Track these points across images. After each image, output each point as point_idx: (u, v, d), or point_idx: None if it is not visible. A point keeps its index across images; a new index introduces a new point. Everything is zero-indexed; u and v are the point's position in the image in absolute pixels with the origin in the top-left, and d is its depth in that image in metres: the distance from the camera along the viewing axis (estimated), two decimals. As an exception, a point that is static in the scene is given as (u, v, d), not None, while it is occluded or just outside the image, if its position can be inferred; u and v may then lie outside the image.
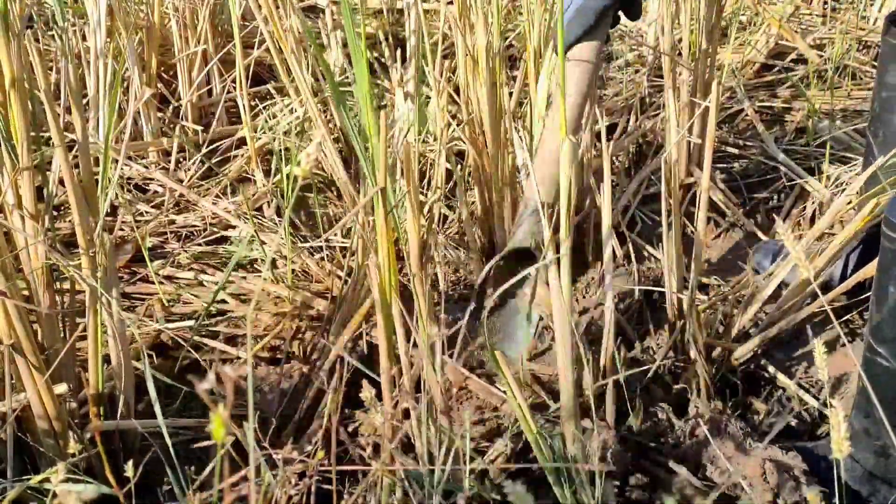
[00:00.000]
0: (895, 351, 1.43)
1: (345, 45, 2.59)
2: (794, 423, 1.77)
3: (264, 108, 2.53)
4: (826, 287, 1.83)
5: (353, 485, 1.54)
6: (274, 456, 1.12)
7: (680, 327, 1.68)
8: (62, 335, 1.48)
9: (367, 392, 1.12)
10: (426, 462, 1.37)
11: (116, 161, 1.98)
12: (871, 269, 1.69)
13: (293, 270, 1.94)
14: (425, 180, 2.13)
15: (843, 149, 2.36)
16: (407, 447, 1.47)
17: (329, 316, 1.77)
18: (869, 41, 2.89)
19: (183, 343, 1.76)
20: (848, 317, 1.90)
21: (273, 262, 1.98)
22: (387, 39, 2.79)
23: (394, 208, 1.58)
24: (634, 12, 1.66)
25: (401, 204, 1.68)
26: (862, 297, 1.88)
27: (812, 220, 2.16)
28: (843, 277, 1.81)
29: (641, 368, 1.63)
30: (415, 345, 1.49)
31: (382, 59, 2.73)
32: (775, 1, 3.05)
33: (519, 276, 1.55)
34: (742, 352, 1.73)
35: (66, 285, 1.51)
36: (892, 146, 1.87)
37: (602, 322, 1.89)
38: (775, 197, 2.27)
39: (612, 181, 2.29)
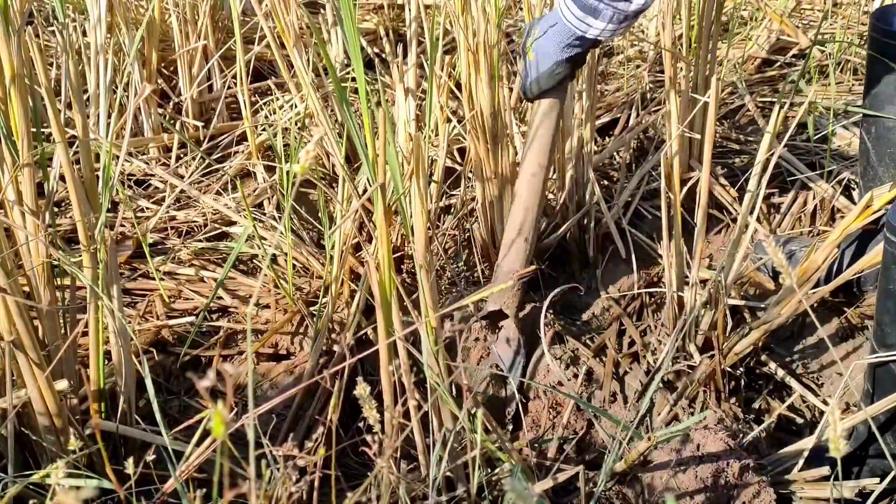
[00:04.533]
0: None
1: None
2: (797, 418, 1.78)
3: (265, 104, 2.53)
4: (827, 280, 1.83)
5: (356, 481, 1.54)
6: (275, 453, 1.12)
7: (681, 324, 1.68)
8: (63, 332, 1.49)
9: (360, 389, 1.11)
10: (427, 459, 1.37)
11: (117, 157, 1.98)
12: (863, 264, 1.69)
13: (294, 266, 1.94)
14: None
15: (845, 144, 2.36)
16: (409, 442, 1.48)
17: (330, 312, 1.77)
18: (870, 36, 2.89)
19: (185, 337, 1.76)
20: (848, 312, 1.90)
21: (274, 258, 1.98)
22: (387, 35, 2.78)
23: (399, 199, 1.59)
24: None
25: (404, 197, 1.68)
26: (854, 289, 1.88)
27: (813, 216, 2.16)
28: (839, 272, 1.82)
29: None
30: (415, 342, 1.49)
31: (383, 55, 2.73)
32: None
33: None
34: (742, 346, 1.73)
35: (67, 281, 1.52)
36: (884, 140, 1.88)
37: (603, 318, 1.89)
38: (776, 192, 2.27)
39: (614, 177, 2.29)
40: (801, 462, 1.50)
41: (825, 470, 1.48)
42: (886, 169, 1.89)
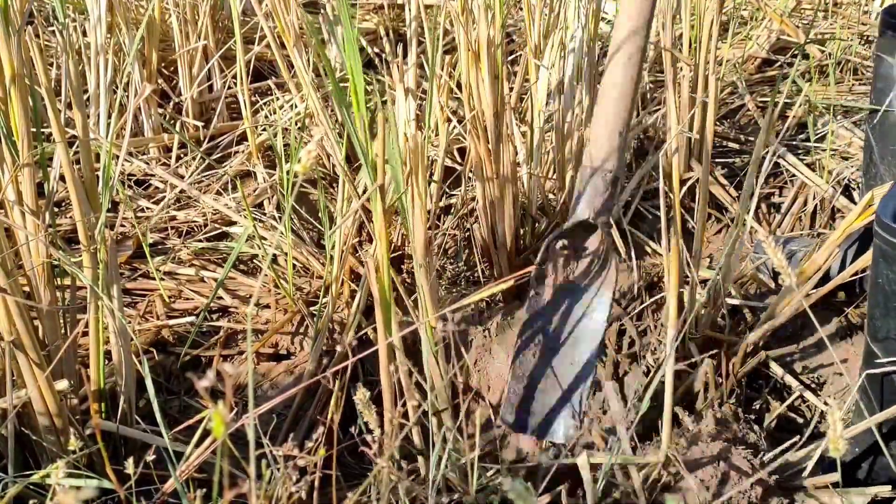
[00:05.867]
0: (888, 350, 1.43)
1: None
2: (797, 418, 1.78)
3: (265, 104, 2.53)
4: (824, 280, 1.83)
5: (356, 481, 1.54)
6: (275, 453, 1.12)
7: (680, 324, 1.68)
8: (63, 332, 1.49)
9: (360, 394, 1.11)
10: (427, 459, 1.37)
11: (117, 157, 1.99)
12: (863, 263, 1.69)
13: (294, 266, 1.94)
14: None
15: (845, 144, 2.36)
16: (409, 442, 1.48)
17: (330, 312, 1.77)
18: (871, 36, 2.89)
19: (185, 337, 1.76)
20: (848, 311, 1.90)
21: (274, 258, 1.98)
22: (387, 35, 2.78)
23: (399, 197, 1.58)
24: None
25: (404, 196, 1.68)
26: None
27: (813, 216, 2.16)
28: (841, 271, 1.82)
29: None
30: (416, 342, 1.49)
31: (383, 55, 2.73)
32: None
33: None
34: (742, 346, 1.73)
35: (67, 281, 1.52)
36: (889, 137, 1.88)
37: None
38: (776, 192, 2.27)
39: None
40: (809, 467, 1.50)
41: (834, 476, 1.47)
42: (888, 167, 1.89)
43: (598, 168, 1.49)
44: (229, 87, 2.51)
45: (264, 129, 2.34)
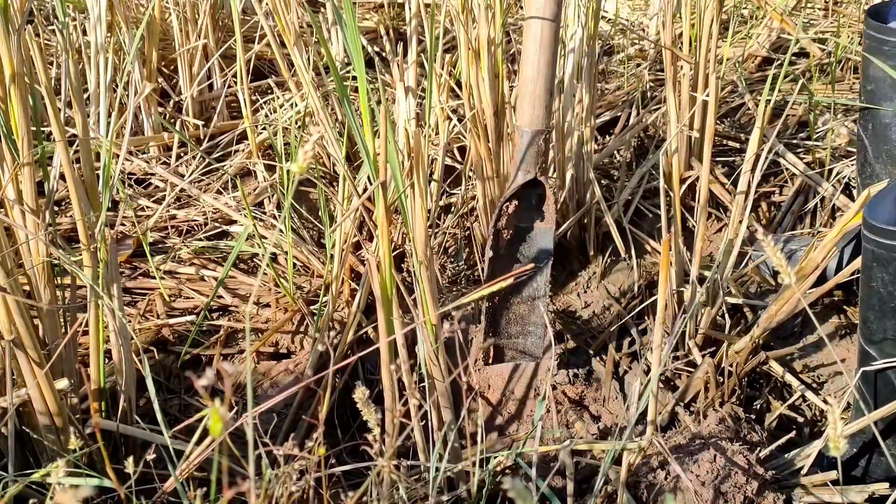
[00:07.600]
0: (884, 352, 1.43)
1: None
2: (798, 417, 1.78)
3: (265, 102, 2.53)
4: (822, 279, 1.83)
5: (357, 480, 1.54)
6: (275, 452, 1.12)
7: (680, 323, 1.68)
8: (63, 331, 1.49)
9: (359, 392, 1.11)
10: (427, 457, 1.37)
11: (117, 156, 1.98)
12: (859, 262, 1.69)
13: (294, 265, 1.94)
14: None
15: (845, 142, 2.36)
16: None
17: (330, 311, 1.77)
18: (871, 34, 2.89)
19: (186, 336, 1.76)
20: (848, 310, 1.90)
21: (274, 257, 1.98)
22: (387, 33, 2.78)
23: (399, 197, 1.58)
24: None
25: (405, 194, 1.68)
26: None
27: (814, 215, 2.16)
28: (839, 270, 1.82)
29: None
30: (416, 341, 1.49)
31: (383, 54, 2.73)
32: (777, -6, 3.04)
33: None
34: (742, 344, 1.73)
35: (67, 280, 1.52)
36: (881, 137, 1.88)
37: (603, 317, 1.89)
38: (777, 191, 2.27)
39: (614, 176, 2.29)
40: (808, 465, 1.50)
41: (833, 474, 1.47)
42: (884, 166, 1.89)
43: (538, 131, 1.62)
44: (229, 86, 2.51)
45: (264, 128, 2.34)
